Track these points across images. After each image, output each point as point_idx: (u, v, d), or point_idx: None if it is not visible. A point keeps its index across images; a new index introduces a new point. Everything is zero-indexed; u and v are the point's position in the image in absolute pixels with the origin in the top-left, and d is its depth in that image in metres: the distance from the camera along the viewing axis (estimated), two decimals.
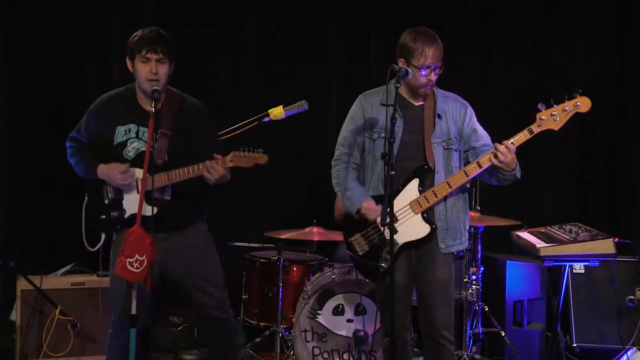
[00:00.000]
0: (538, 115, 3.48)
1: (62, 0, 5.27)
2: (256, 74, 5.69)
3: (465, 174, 3.57)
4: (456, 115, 3.71)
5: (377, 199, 3.63)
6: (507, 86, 5.76)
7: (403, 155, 3.63)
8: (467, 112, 3.73)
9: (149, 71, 3.54)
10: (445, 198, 3.63)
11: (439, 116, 3.67)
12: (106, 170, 3.66)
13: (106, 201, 3.71)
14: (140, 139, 3.65)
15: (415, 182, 3.63)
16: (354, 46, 5.88)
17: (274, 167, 5.55)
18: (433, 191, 3.60)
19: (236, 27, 5.63)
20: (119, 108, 3.70)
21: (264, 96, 5.52)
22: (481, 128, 3.76)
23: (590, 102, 3.44)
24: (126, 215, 3.66)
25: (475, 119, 3.76)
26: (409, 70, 3.51)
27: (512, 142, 3.49)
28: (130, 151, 3.66)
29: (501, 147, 3.47)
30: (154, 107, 3.46)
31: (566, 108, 3.45)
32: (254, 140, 5.25)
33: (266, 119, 3.93)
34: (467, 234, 3.79)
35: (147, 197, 3.45)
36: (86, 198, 3.80)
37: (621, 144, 5.71)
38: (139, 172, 3.61)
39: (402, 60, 3.62)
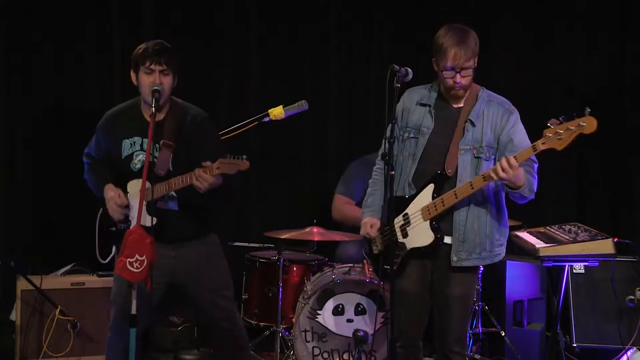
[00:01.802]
0: (544, 132, 3.26)
1: (62, 0, 5.27)
2: (256, 73, 5.69)
3: (471, 186, 3.40)
4: (496, 121, 3.49)
5: (400, 201, 3.53)
6: (507, 86, 5.75)
7: (427, 157, 3.53)
8: (509, 119, 3.49)
9: (153, 82, 3.54)
10: (468, 207, 3.47)
11: (472, 122, 3.49)
12: (107, 195, 3.69)
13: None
14: (146, 151, 3.65)
15: (430, 188, 3.50)
16: (354, 46, 5.88)
17: (274, 167, 5.59)
18: (442, 199, 3.46)
19: (236, 27, 5.64)
20: (124, 122, 3.72)
21: (264, 96, 5.52)
22: (522, 138, 3.50)
23: (595, 123, 3.19)
24: (131, 227, 3.67)
25: (518, 127, 3.51)
26: (409, 70, 3.43)
27: (515, 157, 3.29)
28: (137, 163, 3.68)
29: (502, 163, 3.28)
30: (154, 107, 3.46)
31: (570, 127, 3.21)
32: (254, 141, 5.29)
33: (266, 119, 3.94)
34: (496, 249, 3.55)
35: (149, 207, 3.45)
36: (101, 210, 3.82)
37: (621, 144, 5.71)
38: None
39: (434, 58, 3.50)
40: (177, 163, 3.63)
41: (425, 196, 3.52)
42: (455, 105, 3.57)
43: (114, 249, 3.75)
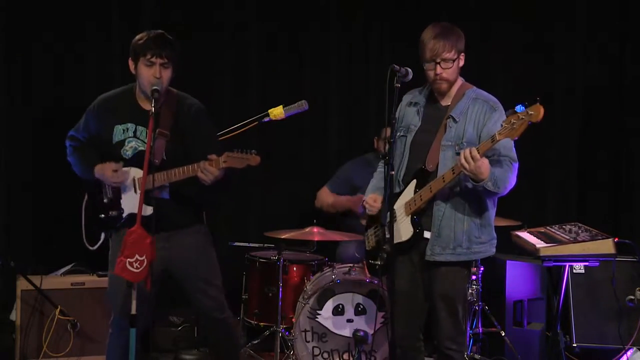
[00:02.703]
0: (503, 122, 3.26)
1: (62, 0, 5.27)
2: (256, 73, 5.69)
3: (443, 179, 3.42)
4: (479, 117, 3.50)
5: (391, 197, 3.54)
6: (507, 87, 5.75)
7: (413, 154, 3.58)
8: (492, 116, 3.48)
9: (153, 75, 3.55)
10: (447, 203, 3.49)
11: (453, 119, 3.51)
12: (101, 169, 3.68)
13: (105, 200, 3.72)
14: (138, 138, 3.66)
15: (413, 184, 3.55)
16: (354, 46, 5.88)
17: (274, 167, 5.59)
18: (420, 194, 3.49)
19: (237, 27, 5.63)
20: (118, 107, 3.71)
21: (264, 96, 5.52)
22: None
23: (542, 111, 3.14)
24: (124, 215, 3.68)
25: (499, 125, 3.38)
26: (409, 70, 3.47)
27: (477, 149, 3.28)
28: (128, 150, 3.67)
29: (465, 153, 3.28)
30: (154, 107, 3.46)
31: (521, 117, 3.19)
32: (254, 141, 5.29)
33: (266, 119, 3.94)
34: (475, 246, 3.52)
35: (146, 196, 3.44)
36: (85, 197, 3.81)
37: (621, 144, 5.71)
38: (136, 172, 3.63)
39: (420, 57, 3.56)
40: (170, 152, 3.64)
41: (409, 192, 3.56)
42: (443, 103, 3.61)
43: (102, 236, 3.75)
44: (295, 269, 4.84)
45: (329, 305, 4.52)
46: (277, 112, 3.91)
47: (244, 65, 5.67)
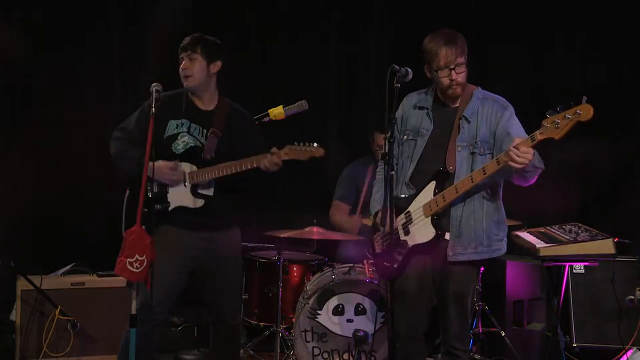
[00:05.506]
0: (543, 122, 3.27)
1: (62, 1, 5.28)
2: (256, 73, 5.69)
3: (471, 179, 3.43)
4: (491, 117, 3.55)
5: (401, 201, 3.58)
6: (506, 86, 5.73)
7: (427, 157, 3.58)
8: (504, 114, 3.55)
9: (181, 68, 3.78)
10: (464, 203, 3.51)
11: (466, 119, 3.55)
12: (155, 165, 3.69)
13: (150, 195, 3.72)
14: (192, 135, 3.79)
15: (432, 185, 3.54)
16: (354, 46, 5.88)
17: None
18: (443, 195, 3.49)
19: (236, 27, 5.64)
20: (173, 104, 3.84)
21: (264, 96, 5.52)
22: (518, 130, 3.52)
23: (591, 110, 3.21)
24: (170, 208, 3.77)
25: (513, 122, 3.55)
26: (409, 70, 3.47)
27: (515, 146, 3.29)
28: (180, 144, 3.78)
29: (515, 152, 3.26)
30: (154, 106, 3.47)
31: (568, 116, 3.22)
32: None
33: (266, 119, 3.97)
34: (495, 244, 3.58)
35: (194, 191, 3.69)
36: (127, 192, 3.84)
37: (621, 144, 5.71)
38: (186, 167, 3.76)
39: (427, 65, 3.58)
40: (220, 151, 3.78)
41: (427, 194, 3.55)
42: (452, 106, 3.63)
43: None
44: (295, 269, 4.84)
45: (329, 305, 4.52)
46: (277, 112, 3.94)
47: (244, 65, 5.67)
